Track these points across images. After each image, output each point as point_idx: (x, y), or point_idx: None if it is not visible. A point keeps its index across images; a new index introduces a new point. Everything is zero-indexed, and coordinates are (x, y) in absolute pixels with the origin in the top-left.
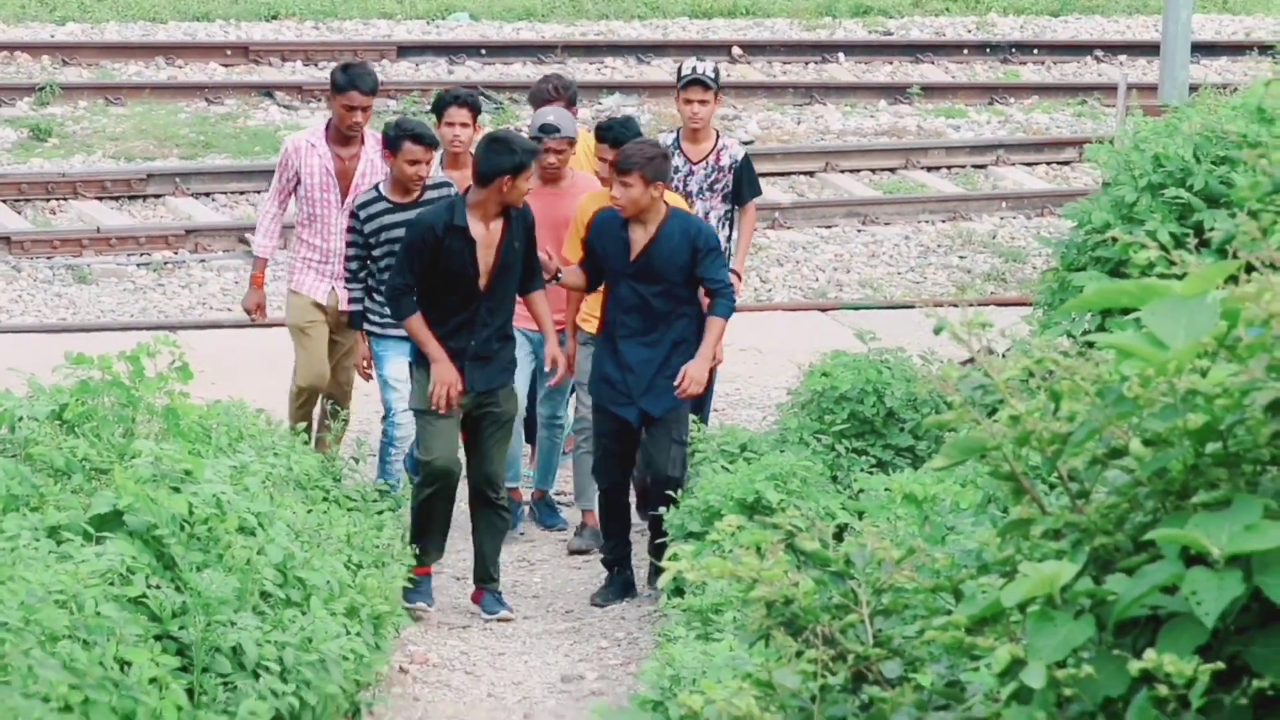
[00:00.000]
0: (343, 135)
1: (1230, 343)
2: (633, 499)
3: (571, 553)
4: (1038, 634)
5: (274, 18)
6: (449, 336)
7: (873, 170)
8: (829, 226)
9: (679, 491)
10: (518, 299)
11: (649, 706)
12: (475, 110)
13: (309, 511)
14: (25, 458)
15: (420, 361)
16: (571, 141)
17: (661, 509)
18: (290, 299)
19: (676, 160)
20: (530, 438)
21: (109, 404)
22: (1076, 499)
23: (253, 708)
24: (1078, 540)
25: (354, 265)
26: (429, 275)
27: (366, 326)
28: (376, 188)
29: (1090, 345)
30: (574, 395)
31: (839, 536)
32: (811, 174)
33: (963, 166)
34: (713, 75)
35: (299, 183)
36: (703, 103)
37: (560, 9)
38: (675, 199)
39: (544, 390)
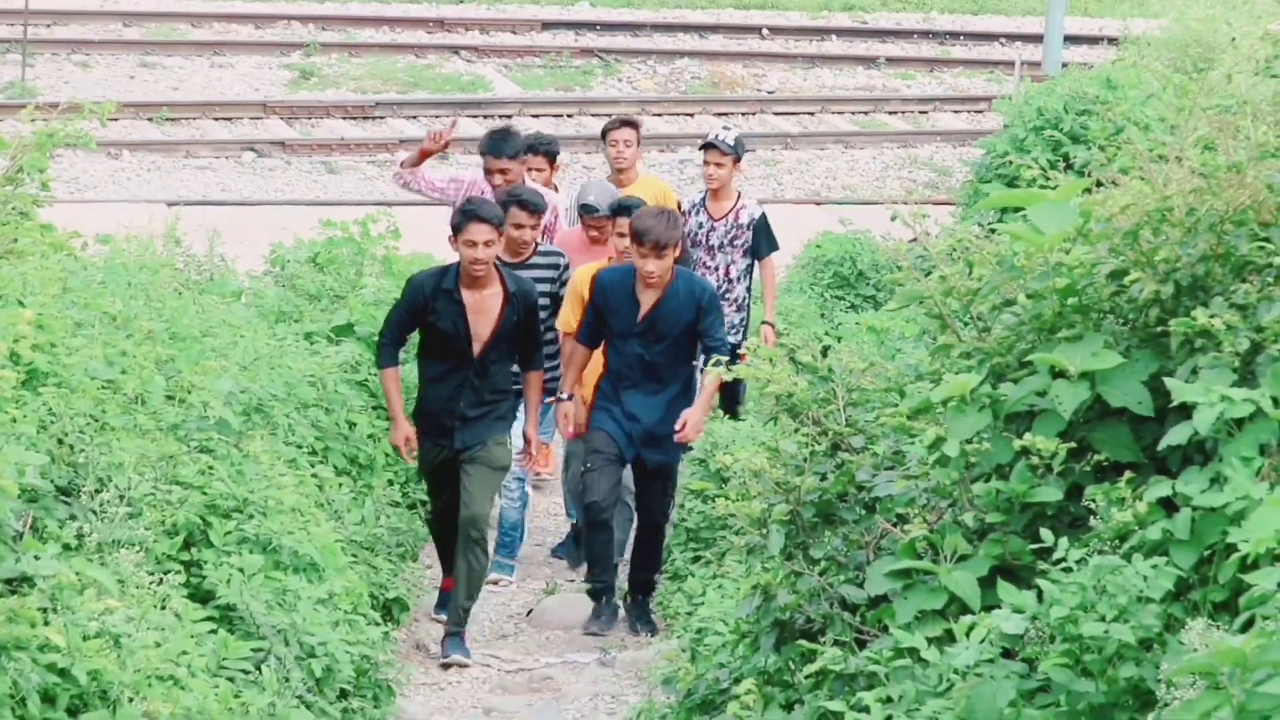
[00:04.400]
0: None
1: (1085, 232)
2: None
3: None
4: (954, 421)
5: (461, 1)
6: (447, 398)
7: (853, 113)
8: (823, 149)
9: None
10: None
11: (696, 463)
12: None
13: None
14: (291, 287)
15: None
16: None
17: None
18: None
19: (700, 216)
20: None
21: (346, 253)
22: (982, 332)
23: None
24: (982, 360)
25: None
26: (429, 333)
27: None
28: None
29: (994, 232)
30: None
31: (825, 353)
32: (812, 114)
33: (912, 112)
34: (730, 143)
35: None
36: (718, 165)
37: (649, 1)
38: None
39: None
